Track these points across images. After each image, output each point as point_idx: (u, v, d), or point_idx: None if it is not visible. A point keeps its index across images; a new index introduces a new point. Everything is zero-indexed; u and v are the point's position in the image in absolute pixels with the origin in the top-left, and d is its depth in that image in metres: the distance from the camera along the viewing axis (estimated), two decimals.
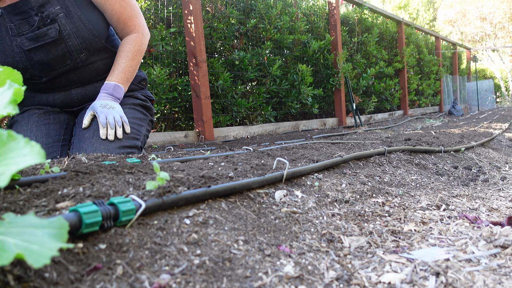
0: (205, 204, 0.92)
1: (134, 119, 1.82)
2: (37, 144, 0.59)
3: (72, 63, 1.73)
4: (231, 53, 4.37)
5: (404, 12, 19.11)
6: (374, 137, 3.20)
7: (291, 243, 0.89)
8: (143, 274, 0.65)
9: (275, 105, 4.96)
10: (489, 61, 20.27)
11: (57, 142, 1.75)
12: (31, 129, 1.73)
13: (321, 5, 6.03)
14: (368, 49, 6.75)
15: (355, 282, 0.77)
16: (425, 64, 9.52)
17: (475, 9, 19.77)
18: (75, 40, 1.70)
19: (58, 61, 1.71)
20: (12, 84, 0.74)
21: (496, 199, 1.52)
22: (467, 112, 10.95)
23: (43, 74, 1.72)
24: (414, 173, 1.83)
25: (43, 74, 1.72)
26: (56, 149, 1.72)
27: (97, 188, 0.86)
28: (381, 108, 7.68)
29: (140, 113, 1.91)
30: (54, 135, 1.76)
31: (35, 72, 1.71)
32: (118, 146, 1.66)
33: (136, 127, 1.81)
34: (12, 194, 0.82)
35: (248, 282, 0.70)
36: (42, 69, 1.70)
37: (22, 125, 1.75)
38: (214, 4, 4.18)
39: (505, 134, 4.08)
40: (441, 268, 0.80)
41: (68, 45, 1.69)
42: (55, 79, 1.76)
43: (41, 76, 1.73)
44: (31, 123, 1.75)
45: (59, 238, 0.56)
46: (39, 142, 1.68)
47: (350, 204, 1.23)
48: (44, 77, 1.74)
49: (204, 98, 3.68)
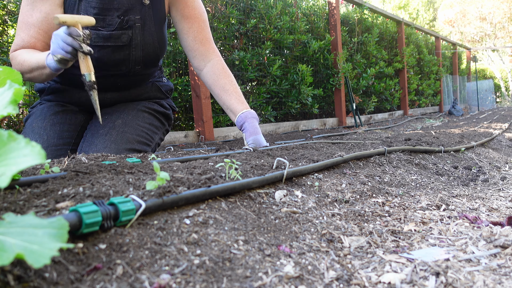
0: (205, 204, 0.92)
1: (150, 125, 1.83)
2: (38, 145, 0.59)
3: (126, 71, 1.75)
4: (231, 53, 4.37)
5: (404, 12, 19.11)
6: (374, 137, 3.20)
7: (291, 243, 0.89)
8: (143, 274, 0.65)
9: (275, 105, 4.96)
10: (489, 61, 20.27)
11: (67, 145, 1.72)
12: (45, 127, 1.70)
13: (321, 5, 6.04)
14: (368, 49, 6.75)
15: (355, 282, 0.77)
16: (425, 64, 9.52)
17: (475, 9, 19.78)
18: (139, 52, 1.73)
19: (115, 65, 1.71)
20: (12, 84, 0.74)
21: (496, 199, 1.52)
22: (467, 112, 10.95)
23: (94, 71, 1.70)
24: (414, 173, 1.83)
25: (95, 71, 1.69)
26: (64, 152, 1.70)
27: (97, 188, 0.86)
28: (381, 108, 7.68)
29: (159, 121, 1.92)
30: (66, 137, 1.73)
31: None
32: (128, 148, 1.67)
33: (151, 133, 1.82)
34: (12, 194, 0.82)
35: (248, 282, 0.70)
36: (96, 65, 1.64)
37: (38, 121, 1.72)
38: (214, 4, 4.18)
39: (505, 134, 4.08)
40: (441, 268, 0.80)
41: (132, 54, 1.72)
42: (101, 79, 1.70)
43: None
44: (46, 121, 1.72)
45: (59, 238, 0.56)
46: (50, 143, 1.67)
47: (350, 204, 1.23)
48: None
49: (204, 98, 3.68)
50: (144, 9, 1.68)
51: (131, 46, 1.70)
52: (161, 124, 1.93)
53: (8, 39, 2.77)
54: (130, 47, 1.70)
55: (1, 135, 0.59)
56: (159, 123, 1.91)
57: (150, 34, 1.72)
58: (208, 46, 1.82)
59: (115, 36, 1.65)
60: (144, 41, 1.72)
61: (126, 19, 1.65)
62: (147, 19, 1.70)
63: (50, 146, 1.65)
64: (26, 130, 1.71)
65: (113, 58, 1.69)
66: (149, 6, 1.70)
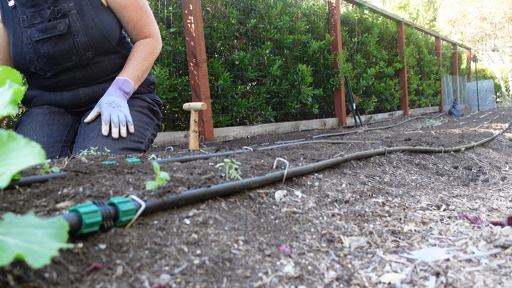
0: (205, 204, 0.92)
1: (140, 122, 1.82)
2: (38, 145, 0.58)
3: (78, 59, 1.75)
4: (231, 53, 4.37)
5: (404, 12, 19.11)
6: (374, 137, 3.20)
7: (291, 243, 0.89)
8: (143, 274, 0.65)
9: (275, 105, 4.96)
10: (489, 61, 20.27)
11: (58, 142, 1.76)
12: (34, 129, 1.75)
13: (321, 5, 6.03)
14: (368, 49, 6.75)
15: (355, 282, 0.76)
16: (425, 64, 9.52)
17: (475, 9, 19.78)
18: (83, 37, 1.73)
19: (63, 56, 1.73)
20: (12, 84, 0.74)
21: (496, 199, 1.52)
22: (467, 112, 10.95)
23: (47, 67, 1.75)
24: (414, 173, 1.83)
25: (48, 67, 1.75)
26: (56, 149, 1.73)
27: (97, 188, 0.86)
28: (381, 108, 7.68)
29: (147, 116, 1.92)
30: (56, 135, 1.77)
31: (40, 65, 1.74)
32: (121, 148, 1.67)
33: (142, 130, 1.81)
34: (12, 194, 0.82)
35: (248, 282, 0.70)
36: (47, 62, 1.73)
37: (27, 124, 1.78)
38: (214, 4, 4.18)
39: (505, 134, 4.08)
40: (441, 268, 0.80)
41: (76, 41, 1.72)
42: (60, 75, 1.77)
43: (46, 70, 1.76)
44: (35, 123, 1.78)
45: (59, 238, 0.56)
46: (40, 142, 1.71)
47: (350, 204, 1.23)
48: (49, 72, 1.76)
49: (204, 98, 3.68)
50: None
51: (72, 33, 1.72)
52: (149, 119, 1.93)
53: None
54: (71, 34, 1.72)
55: (0, 135, 0.59)
56: (148, 119, 1.91)
57: (91, 18, 1.74)
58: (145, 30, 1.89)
59: (51, 26, 1.69)
60: (86, 25, 1.73)
61: (57, 8, 1.69)
62: (83, 4, 1.73)
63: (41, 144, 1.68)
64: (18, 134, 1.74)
65: (58, 49, 1.71)
66: None
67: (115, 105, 1.68)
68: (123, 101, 1.74)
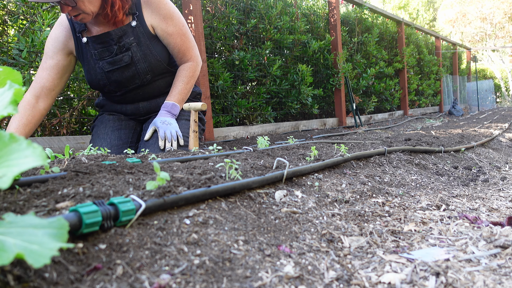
0: (205, 204, 0.92)
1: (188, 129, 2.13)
2: (39, 146, 0.59)
3: (140, 82, 2.14)
4: (231, 53, 4.37)
5: (404, 12, 19.11)
6: (374, 137, 3.20)
7: (291, 243, 0.89)
8: (143, 274, 0.65)
9: (275, 105, 4.96)
10: (489, 61, 20.27)
11: (126, 144, 2.19)
12: (107, 133, 2.19)
13: (321, 5, 6.03)
14: (368, 49, 6.75)
15: (355, 282, 0.77)
16: (425, 64, 9.52)
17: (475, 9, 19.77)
18: (143, 64, 2.10)
19: (129, 80, 2.12)
20: (12, 84, 0.74)
21: (496, 199, 1.52)
22: (467, 112, 10.95)
23: (117, 89, 2.16)
24: (414, 173, 1.83)
25: (118, 89, 2.16)
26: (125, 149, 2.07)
27: (97, 188, 0.86)
28: (381, 108, 7.68)
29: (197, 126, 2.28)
30: (124, 138, 2.20)
31: (112, 88, 2.14)
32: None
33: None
34: (12, 194, 0.82)
35: (248, 282, 0.70)
36: (117, 85, 2.13)
37: (101, 129, 2.22)
38: (214, 4, 4.18)
39: (505, 134, 4.08)
40: (441, 268, 0.80)
41: (138, 68, 2.10)
42: (127, 93, 2.19)
43: (116, 91, 2.17)
44: (107, 128, 2.22)
45: (59, 238, 0.56)
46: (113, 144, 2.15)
47: (350, 204, 1.23)
48: (118, 92, 2.17)
49: (204, 98, 3.68)
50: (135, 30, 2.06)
51: (135, 62, 2.08)
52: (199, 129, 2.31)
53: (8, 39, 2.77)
54: (134, 63, 2.08)
55: (2, 136, 0.59)
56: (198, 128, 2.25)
57: (147, 47, 2.09)
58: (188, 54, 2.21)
59: (118, 59, 2.06)
60: (144, 54, 2.08)
61: (121, 44, 2.04)
62: (140, 37, 2.07)
63: (113, 146, 2.14)
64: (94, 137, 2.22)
65: (125, 76, 2.10)
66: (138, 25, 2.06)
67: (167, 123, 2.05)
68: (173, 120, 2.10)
